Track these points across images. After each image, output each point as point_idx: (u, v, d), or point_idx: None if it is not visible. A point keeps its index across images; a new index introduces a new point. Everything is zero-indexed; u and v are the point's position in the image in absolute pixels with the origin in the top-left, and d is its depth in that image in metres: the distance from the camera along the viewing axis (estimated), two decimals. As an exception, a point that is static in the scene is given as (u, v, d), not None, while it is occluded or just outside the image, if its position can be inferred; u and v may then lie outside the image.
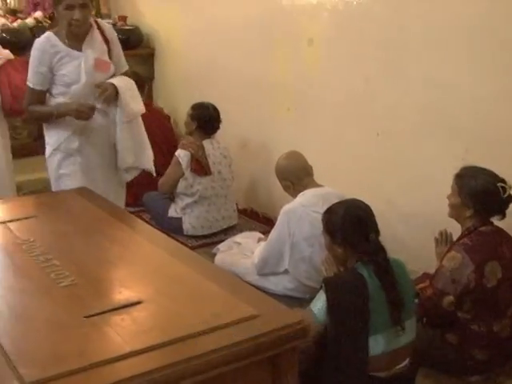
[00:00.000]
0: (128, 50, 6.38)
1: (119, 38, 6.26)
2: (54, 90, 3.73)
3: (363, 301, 2.52)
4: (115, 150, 3.85)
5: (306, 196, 3.81)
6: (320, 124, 4.65)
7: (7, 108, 4.99)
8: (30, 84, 3.72)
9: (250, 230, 5.00)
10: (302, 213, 3.72)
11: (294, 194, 3.89)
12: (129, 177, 4.02)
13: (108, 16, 6.96)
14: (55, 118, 3.70)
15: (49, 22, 6.38)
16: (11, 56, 5.21)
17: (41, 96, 3.73)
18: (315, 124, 4.69)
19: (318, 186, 3.89)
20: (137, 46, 6.49)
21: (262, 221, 5.28)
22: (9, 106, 4.96)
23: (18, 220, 2.91)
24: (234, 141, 5.29)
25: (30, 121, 3.96)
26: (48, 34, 3.70)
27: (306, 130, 4.75)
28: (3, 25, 6.07)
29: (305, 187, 3.86)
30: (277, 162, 3.99)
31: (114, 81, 3.77)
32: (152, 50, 6.54)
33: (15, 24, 6.17)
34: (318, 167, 4.00)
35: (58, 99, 3.72)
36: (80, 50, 3.68)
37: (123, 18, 6.61)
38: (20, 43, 5.83)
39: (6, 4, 6.81)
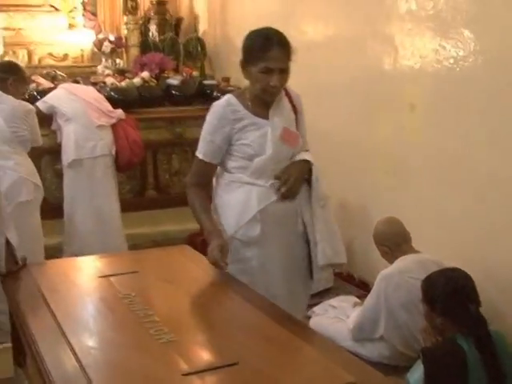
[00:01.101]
0: (230, 111, 6.58)
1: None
2: (231, 163, 3.13)
3: (462, 374, 2.46)
4: (302, 242, 3.21)
5: (403, 262, 3.77)
6: (419, 190, 4.60)
7: (124, 161, 5.23)
8: (199, 154, 3.15)
9: (346, 293, 4.94)
10: (399, 279, 3.67)
11: (392, 260, 3.85)
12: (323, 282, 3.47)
13: (212, 77, 7.15)
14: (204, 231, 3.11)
15: (155, 81, 6.60)
16: (123, 116, 5.46)
17: (210, 170, 3.18)
18: (414, 190, 4.64)
19: (416, 252, 3.85)
20: (238, 107, 6.61)
21: (358, 284, 5.22)
22: (126, 159, 5.18)
23: (120, 274, 2.97)
24: (331, 202, 5.27)
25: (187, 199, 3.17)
26: (228, 97, 3.14)
27: (405, 196, 4.71)
28: (112, 84, 6.33)
29: (403, 253, 3.82)
30: (375, 227, 3.96)
31: (306, 156, 3.23)
32: (254, 111, 6.64)
33: (123, 83, 6.41)
34: (416, 233, 3.95)
35: (235, 175, 3.12)
36: (266, 117, 3.11)
37: (226, 80, 6.77)
38: (128, 102, 6.10)
39: (115, 64, 7.11)
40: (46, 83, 6.24)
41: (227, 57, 7.18)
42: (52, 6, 8.01)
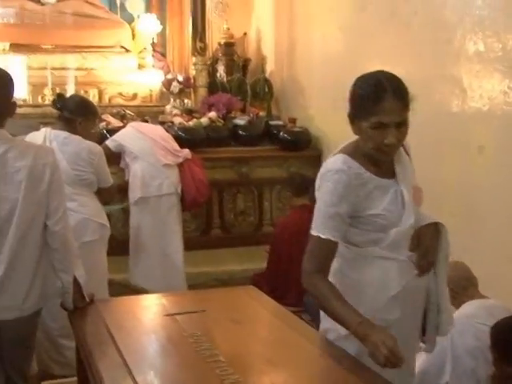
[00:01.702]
0: (296, 152, 6.62)
1: (288, 140, 6.58)
2: (357, 238, 2.57)
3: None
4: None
5: (470, 307, 3.68)
6: (488, 234, 4.52)
7: (190, 200, 5.29)
8: (321, 233, 2.50)
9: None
10: (465, 324, 3.58)
11: (458, 305, 3.78)
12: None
13: (278, 117, 7.20)
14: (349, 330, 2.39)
15: (222, 121, 6.68)
16: (189, 156, 5.54)
17: (334, 250, 2.54)
18: (483, 234, 4.56)
19: (483, 297, 3.76)
20: (305, 148, 6.65)
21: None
22: (192, 198, 5.24)
23: (185, 313, 2.98)
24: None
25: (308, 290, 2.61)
26: (344, 158, 2.55)
27: (473, 240, 4.63)
28: (180, 123, 6.44)
29: (469, 298, 3.74)
30: (441, 271, 3.89)
31: (431, 217, 2.81)
32: (319, 152, 6.66)
33: (191, 123, 6.51)
34: (483, 278, 3.87)
35: (365, 249, 2.57)
36: (388, 175, 2.62)
37: (293, 120, 6.81)
38: (195, 141, 6.20)
39: (183, 104, 7.23)
40: (115, 122, 6.38)
41: (294, 97, 7.24)
42: (123, 47, 8.22)
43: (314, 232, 2.53)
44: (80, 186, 4.47)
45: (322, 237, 2.49)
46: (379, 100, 2.47)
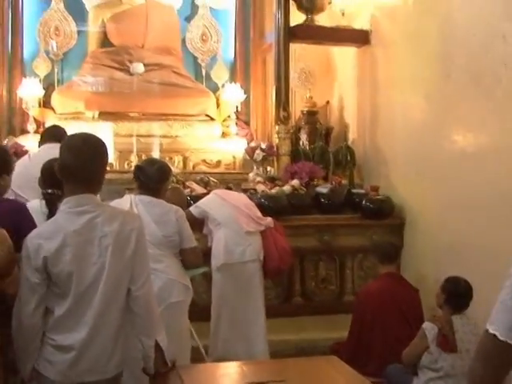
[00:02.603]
0: (378, 220, 6.58)
1: (370, 208, 6.55)
2: None
3: None
4: None
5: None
6: None
7: (272, 267, 5.30)
8: (495, 331, 1.92)
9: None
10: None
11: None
12: None
13: (360, 186, 7.19)
14: None
15: (304, 189, 6.70)
16: (272, 224, 5.58)
17: None
18: None
19: None
20: (387, 216, 6.60)
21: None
22: (274, 265, 5.25)
23: (265, 382, 2.96)
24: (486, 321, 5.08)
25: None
26: None
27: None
28: (263, 191, 6.49)
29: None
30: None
31: None
32: (402, 221, 6.60)
33: (273, 191, 6.56)
34: None
35: None
36: None
37: (375, 188, 6.78)
38: (277, 208, 6.23)
39: (266, 172, 7.30)
40: (199, 189, 6.47)
41: (376, 165, 7.22)
42: (208, 116, 8.42)
43: (490, 329, 1.96)
44: (166, 247, 4.53)
45: (500, 338, 1.92)
46: None
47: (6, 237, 2.90)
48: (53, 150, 5.20)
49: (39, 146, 5.48)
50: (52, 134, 5.43)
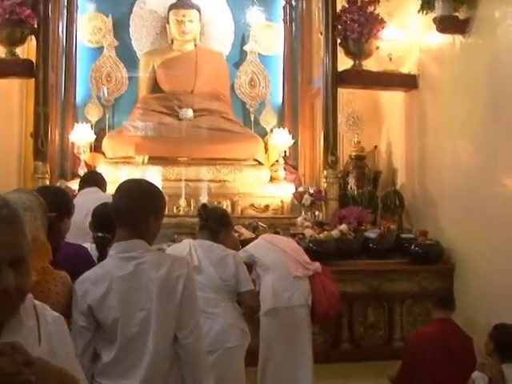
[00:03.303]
0: (427, 265, 6.51)
1: (419, 253, 6.49)
2: None
3: None
4: None
5: None
6: None
7: (321, 313, 5.29)
8: None
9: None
10: None
11: None
12: None
13: (409, 230, 7.14)
14: None
15: (352, 234, 6.68)
16: (320, 269, 5.58)
17: None
18: None
19: None
20: (437, 261, 6.54)
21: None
22: (323, 310, 5.23)
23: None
24: None
25: None
26: None
27: None
28: (311, 236, 6.48)
29: None
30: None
31: None
32: (452, 266, 6.52)
33: (322, 235, 6.54)
34: None
35: None
36: None
37: (424, 233, 6.72)
38: (325, 253, 6.22)
39: (315, 216, 7.30)
40: (247, 233, 6.50)
41: (425, 210, 7.18)
42: (256, 160, 8.48)
43: None
44: (224, 291, 4.55)
45: None
46: None
47: (69, 280, 2.93)
48: (89, 195, 5.37)
49: (78, 192, 5.62)
50: (89, 180, 5.58)
